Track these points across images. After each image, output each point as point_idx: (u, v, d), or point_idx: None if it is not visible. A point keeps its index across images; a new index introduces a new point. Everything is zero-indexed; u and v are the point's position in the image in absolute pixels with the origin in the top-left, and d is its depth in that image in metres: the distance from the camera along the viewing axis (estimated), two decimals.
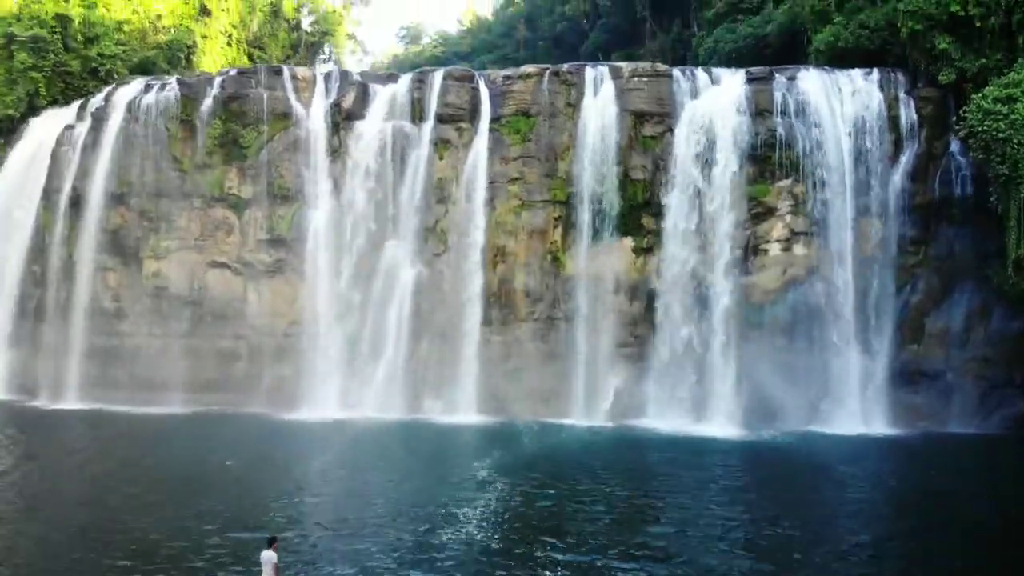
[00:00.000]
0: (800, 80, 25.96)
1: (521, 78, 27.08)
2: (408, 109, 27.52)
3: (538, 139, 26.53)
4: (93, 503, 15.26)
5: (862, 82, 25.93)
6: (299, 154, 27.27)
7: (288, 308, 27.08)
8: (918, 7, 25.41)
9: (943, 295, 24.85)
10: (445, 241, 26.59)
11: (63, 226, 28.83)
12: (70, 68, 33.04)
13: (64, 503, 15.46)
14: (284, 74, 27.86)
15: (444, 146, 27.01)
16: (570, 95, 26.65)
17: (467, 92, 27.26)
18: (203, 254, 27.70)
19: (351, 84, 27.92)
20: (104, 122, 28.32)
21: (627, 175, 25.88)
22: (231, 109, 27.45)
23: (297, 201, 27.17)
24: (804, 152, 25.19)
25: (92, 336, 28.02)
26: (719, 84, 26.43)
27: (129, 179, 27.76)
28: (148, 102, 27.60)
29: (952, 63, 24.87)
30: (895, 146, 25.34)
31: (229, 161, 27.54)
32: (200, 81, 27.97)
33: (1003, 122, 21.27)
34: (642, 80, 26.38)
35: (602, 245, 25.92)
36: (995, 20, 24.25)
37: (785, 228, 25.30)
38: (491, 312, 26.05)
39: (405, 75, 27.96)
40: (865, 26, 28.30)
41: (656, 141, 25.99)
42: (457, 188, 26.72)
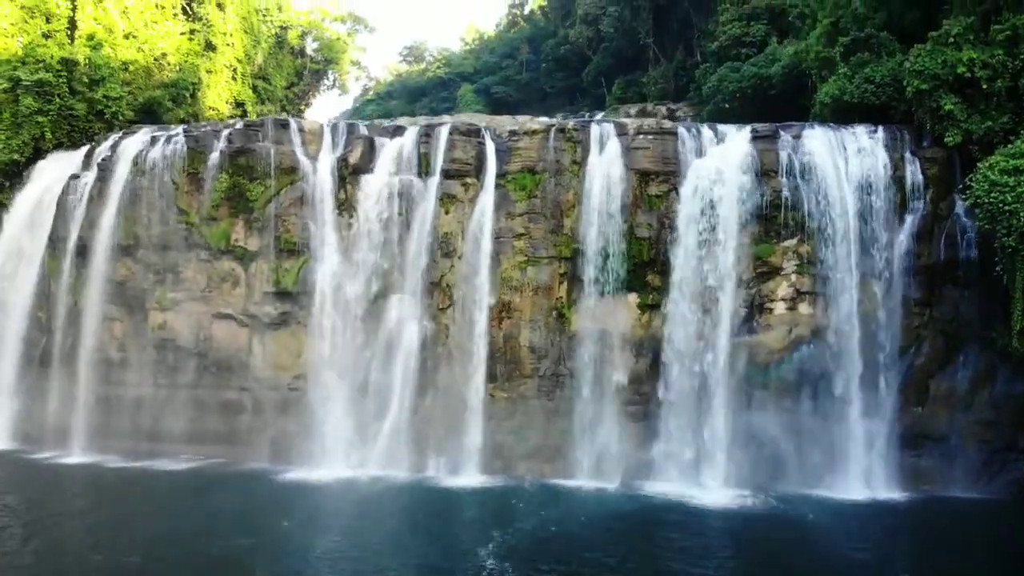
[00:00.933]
0: (806, 139, 26.03)
1: (527, 134, 27.15)
2: (415, 163, 27.60)
3: (544, 196, 26.61)
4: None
5: (867, 141, 25.99)
6: (306, 208, 27.34)
7: (293, 362, 27.14)
8: (924, 67, 25.48)
9: (948, 357, 24.88)
10: (451, 296, 26.66)
11: (69, 274, 28.91)
12: (76, 111, 33.06)
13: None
14: (291, 127, 27.92)
15: (450, 201, 27.09)
16: (575, 153, 26.73)
17: (473, 148, 27.34)
18: (209, 305, 27.78)
19: (358, 138, 27.98)
20: (110, 173, 28.40)
21: (632, 233, 25.94)
22: (238, 163, 27.53)
23: (303, 254, 27.24)
24: (809, 212, 25.25)
25: (97, 385, 28.14)
26: (724, 142, 26.50)
27: (136, 231, 27.84)
28: (155, 155, 27.68)
29: (958, 124, 24.91)
30: (900, 206, 25.38)
31: (236, 214, 27.61)
32: (207, 134, 28.02)
33: (1010, 194, 21.30)
34: (647, 138, 26.45)
35: (607, 301, 25.98)
36: (1002, 83, 24.29)
37: (790, 287, 25.35)
38: (496, 368, 26.12)
39: (412, 128, 27.99)
40: (871, 80, 28.38)
41: (661, 199, 26.06)
42: (463, 243, 26.79)
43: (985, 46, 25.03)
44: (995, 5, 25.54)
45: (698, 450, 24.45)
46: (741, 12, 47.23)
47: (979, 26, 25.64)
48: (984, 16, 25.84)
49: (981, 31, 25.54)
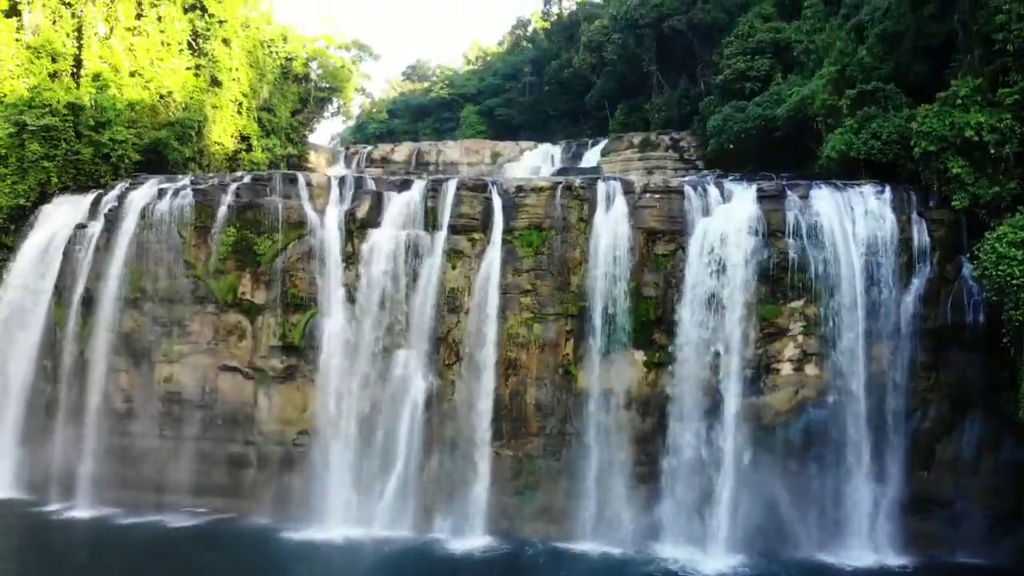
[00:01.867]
0: (813, 199, 26.08)
1: (533, 191, 27.21)
2: (421, 218, 27.67)
3: (551, 253, 26.65)
4: None
5: (875, 202, 26.04)
6: (313, 262, 27.37)
7: (298, 416, 27.17)
8: (931, 128, 25.50)
9: (953, 422, 24.92)
10: (457, 352, 26.68)
11: (75, 323, 28.93)
12: (81, 155, 33.09)
13: None
14: (299, 182, 27.98)
15: (457, 256, 27.14)
16: (582, 210, 26.78)
17: (480, 203, 27.38)
18: (215, 358, 27.81)
19: (365, 192, 28.06)
20: (117, 225, 28.43)
21: (639, 291, 25.98)
22: (246, 217, 27.58)
23: (310, 308, 27.27)
24: (816, 274, 25.29)
25: (103, 436, 28.15)
26: (731, 201, 26.56)
27: (142, 284, 27.86)
28: (162, 209, 27.71)
29: (965, 188, 24.93)
30: (907, 268, 25.42)
31: (243, 267, 27.64)
32: (214, 188, 28.05)
33: (1017, 268, 21.32)
34: (654, 197, 26.52)
35: (614, 359, 26.03)
36: (1010, 148, 24.26)
37: (797, 348, 25.39)
38: (502, 426, 26.15)
39: (419, 182, 28.10)
40: (877, 136, 28.40)
41: (668, 259, 26.11)
42: (469, 298, 26.82)
43: (993, 108, 25.03)
44: (1003, 65, 25.55)
45: (704, 513, 24.49)
46: (745, 46, 47.37)
47: (987, 87, 25.66)
48: (992, 76, 25.86)
49: (989, 92, 25.55)
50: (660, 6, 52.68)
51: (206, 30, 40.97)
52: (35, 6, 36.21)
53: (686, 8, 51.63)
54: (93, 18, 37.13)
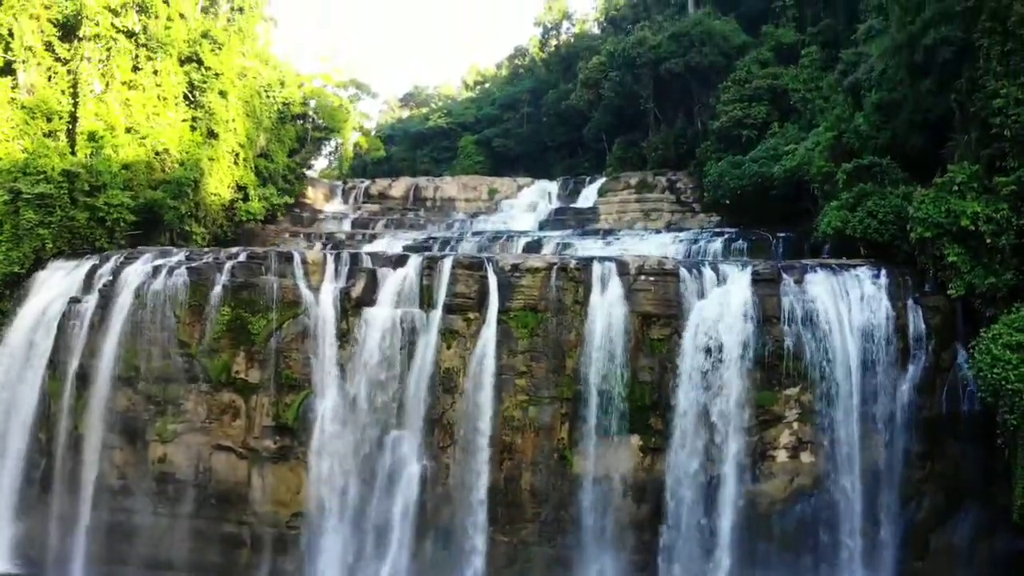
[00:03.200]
0: (808, 284, 26.06)
1: (529, 272, 27.13)
2: (417, 295, 27.62)
3: (546, 335, 26.59)
4: None
5: (870, 287, 26.00)
6: (307, 341, 27.31)
7: (292, 498, 27.10)
8: (928, 214, 25.46)
9: (948, 512, 24.88)
10: (452, 434, 26.63)
11: (70, 397, 28.86)
12: (77, 221, 33.05)
13: None
14: (294, 259, 27.93)
15: (452, 336, 27.08)
16: (577, 292, 26.73)
17: (476, 281, 27.33)
18: (209, 436, 27.76)
19: (360, 270, 28.00)
20: (112, 301, 28.38)
21: (635, 376, 25.95)
22: (240, 297, 27.53)
23: (304, 389, 27.22)
24: (812, 362, 25.27)
25: (98, 511, 28.10)
26: (726, 283, 26.50)
27: (136, 363, 27.80)
28: (156, 288, 27.64)
29: (962, 276, 24.88)
30: (902, 356, 25.37)
31: (237, 345, 27.57)
32: (209, 266, 27.97)
33: (1012, 372, 21.26)
34: (649, 279, 26.47)
35: (610, 443, 26.00)
36: (1007, 240, 24.19)
37: (792, 436, 25.38)
38: (497, 511, 26.06)
39: (414, 258, 28.03)
40: (874, 215, 28.36)
41: (663, 343, 26.06)
42: (464, 379, 26.76)
43: (991, 196, 24.99)
44: (1000, 150, 25.52)
45: None
46: (742, 92, 47.42)
47: (984, 173, 25.63)
48: (989, 160, 25.82)
49: (986, 178, 25.52)
50: (657, 48, 52.67)
51: (202, 82, 40.91)
52: (30, 65, 36.17)
53: (683, 51, 51.57)
54: (89, 75, 37.08)
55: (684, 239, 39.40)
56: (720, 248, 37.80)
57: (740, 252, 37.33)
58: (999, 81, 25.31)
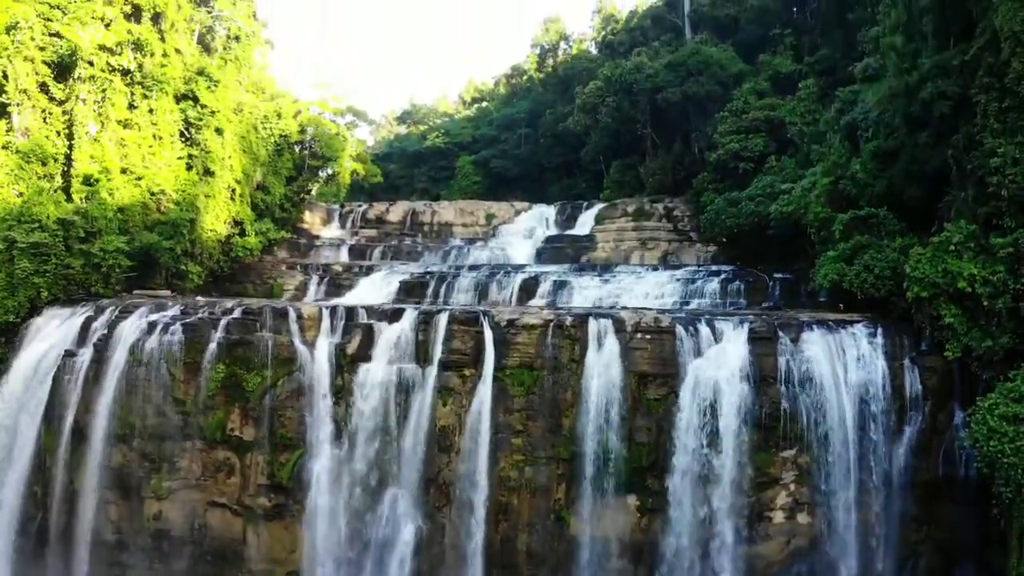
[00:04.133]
0: (804, 343, 25.99)
1: (525, 329, 27.07)
2: (412, 351, 27.56)
3: (542, 393, 26.53)
4: None
5: (867, 346, 25.93)
6: (302, 399, 27.27)
7: (287, 556, 27.07)
8: (924, 274, 25.41)
9: (944, 574, 24.80)
10: (448, 494, 26.55)
11: (65, 451, 28.81)
12: (72, 268, 32.93)
13: None
14: (289, 315, 27.85)
15: (448, 393, 27.01)
16: (574, 350, 26.65)
17: (471, 337, 27.26)
18: (204, 493, 27.74)
19: (356, 326, 27.93)
20: (106, 356, 28.32)
21: (632, 436, 25.89)
22: (235, 354, 27.49)
23: (299, 447, 27.19)
24: (809, 424, 25.22)
25: (93, 566, 28.11)
26: (722, 341, 26.40)
27: (132, 421, 27.76)
28: (151, 345, 27.56)
29: (958, 337, 24.83)
30: (899, 417, 25.33)
31: (232, 402, 27.55)
32: (204, 323, 27.90)
33: (1008, 445, 21.21)
34: (645, 338, 26.39)
35: (607, 504, 25.95)
36: (1003, 303, 24.11)
37: (789, 497, 25.34)
38: (492, 572, 25.98)
39: (410, 311, 27.95)
40: (870, 269, 28.33)
41: (660, 403, 26.00)
42: (460, 438, 26.70)
43: (987, 256, 24.89)
44: (997, 209, 25.44)
45: None
46: (739, 124, 47.39)
47: (980, 232, 25.55)
48: (986, 219, 25.74)
49: (983, 237, 25.44)
50: (654, 76, 52.65)
51: (198, 120, 40.79)
52: (24, 108, 36.02)
53: (680, 81, 51.56)
54: (84, 117, 36.95)
55: (681, 278, 39.36)
56: (717, 288, 37.77)
57: (737, 293, 37.32)
58: (997, 139, 25.25)
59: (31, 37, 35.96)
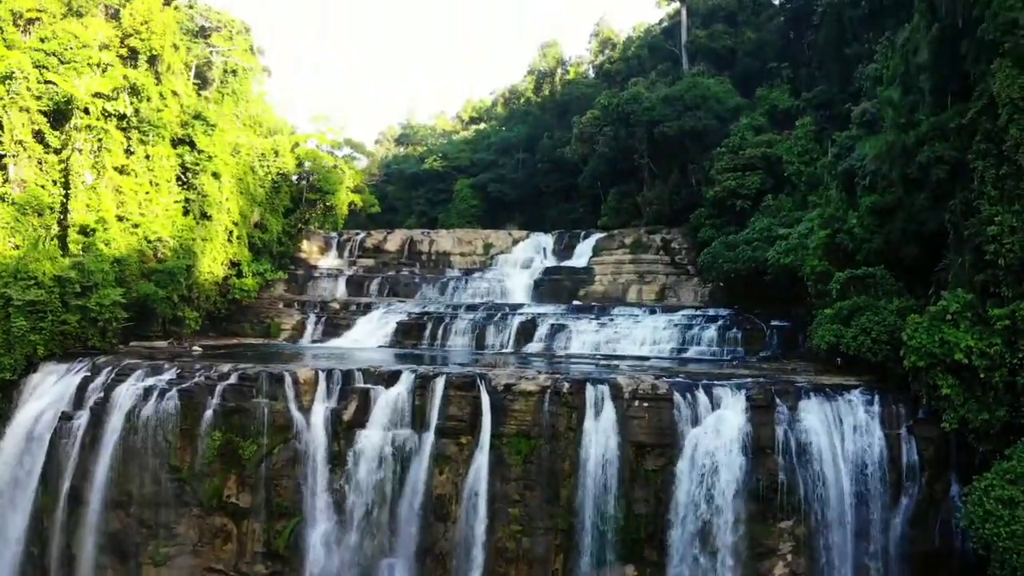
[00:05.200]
0: (802, 412, 25.96)
1: (522, 395, 27.01)
2: (409, 416, 27.52)
3: (539, 462, 26.48)
4: None
5: (863, 415, 25.92)
6: (298, 467, 27.21)
7: None
8: (921, 343, 25.35)
9: None
10: (444, 564, 26.51)
11: (62, 514, 28.76)
12: (68, 324, 32.90)
13: None
14: (285, 380, 27.78)
15: (444, 461, 26.95)
16: (571, 419, 26.60)
17: (468, 403, 27.22)
18: (200, 559, 27.69)
19: (353, 391, 27.86)
20: (103, 422, 28.26)
21: (630, 507, 25.83)
22: (231, 422, 27.44)
23: (295, 516, 27.13)
24: (806, 495, 25.17)
25: None
26: (720, 408, 26.37)
27: (128, 488, 27.70)
28: (148, 412, 27.50)
29: (955, 408, 24.79)
30: (895, 488, 25.30)
31: (228, 469, 27.49)
32: (200, 388, 27.83)
33: (1004, 529, 21.17)
34: (643, 406, 26.34)
35: (604, 575, 25.82)
36: (1000, 376, 24.07)
37: (787, 568, 25.29)
38: None
39: (407, 374, 27.87)
40: (867, 332, 28.33)
41: (658, 474, 25.95)
42: (456, 506, 26.64)
43: (985, 327, 24.82)
44: (994, 277, 25.39)
45: None
46: (736, 162, 47.40)
47: (978, 301, 25.52)
48: (983, 286, 25.67)
49: (980, 307, 25.40)
50: (652, 110, 52.62)
51: (195, 164, 40.81)
52: (20, 159, 35.97)
53: (677, 115, 51.54)
54: (80, 167, 36.92)
55: (678, 323, 39.43)
56: (715, 336, 37.85)
57: (735, 342, 37.40)
58: (994, 206, 25.20)
59: (27, 87, 35.86)
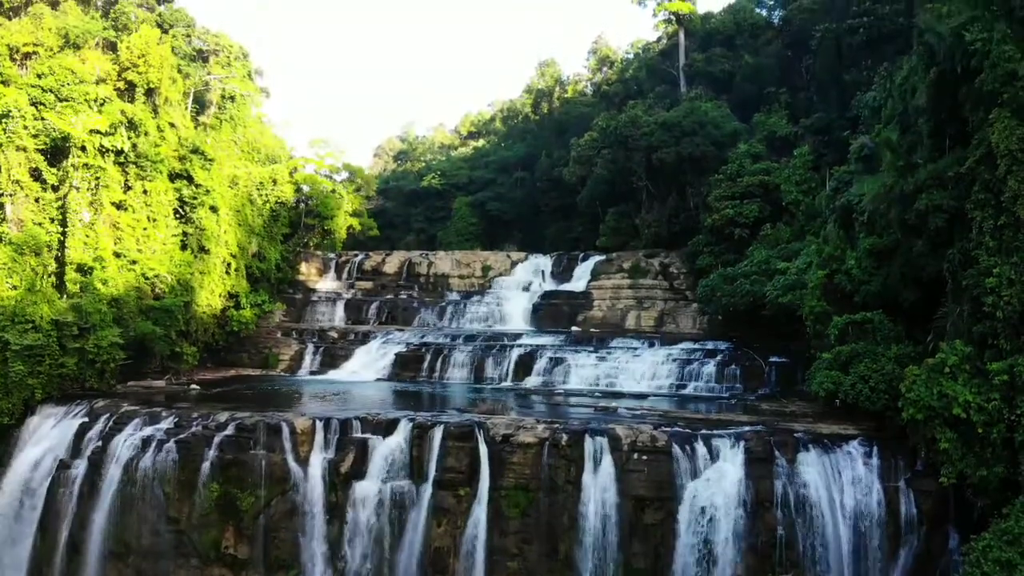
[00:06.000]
0: (800, 466, 25.95)
1: (520, 447, 26.98)
2: (407, 467, 27.52)
3: (538, 516, 26.46)
4: None
5: (862, 467, 25.92)
6: (296, 519, 27.20)
7: None
8: (919, 397, 25.28)
9: None
10: None
11: (61, 563, 28.82)
12: (66, 368, 32.86)
13: None
14: (283, 432, 27.75)
15: (442, 513, 26.92)
16: (569, 471, 26.57)
17: (466, 454, 27.21)
18: None
19: (350, 441, 27.84)
20: (101, 472, 28.23)
21: (628, 562, 25.81)
22: (229, 474, 27.41)
23: (293, 568, 27.12)
24: (804, 548, 25.17)
25: None
26: (719, 460, 26.36)
27: (126, 539, 27.70)
28: (146, 464, 27.49)
29: (953, 463, 24.76)
30: (894, 541, 25.27)
31: (226, 520, 27.47)
32: (198, 440, 27.81)
33: None
34: (642, 459, 26.32)
35: None
36: (998, 433, 24.06)
37: None
38: None
39: (404, 423, 27.87)
40: (866, 380, 28.30)
41: (657, 528, 25.92)
42: (455, 560, 26.62)
43: (983, 380, 24.74)
44: (992, 329, 25.35)
45: None
46: (734, 190, 47.35)
47: (976, 353, 25.48)
48: (981, 338, 25.62)
49: (978, 358, 25.36)
50: (650, 136, 52.57)
51: (193, 198, 40.72)
52: (17, 198, 35.90)
53: (675, 141, 51.50)
54: (77, 205, 36.83)
55: (677, 358, 39.40)
56: (713, 372, 37.85)
57: (733, 378, 37.40)
58: (992, 257, 25.17)
59: (23, 125, 35.79)
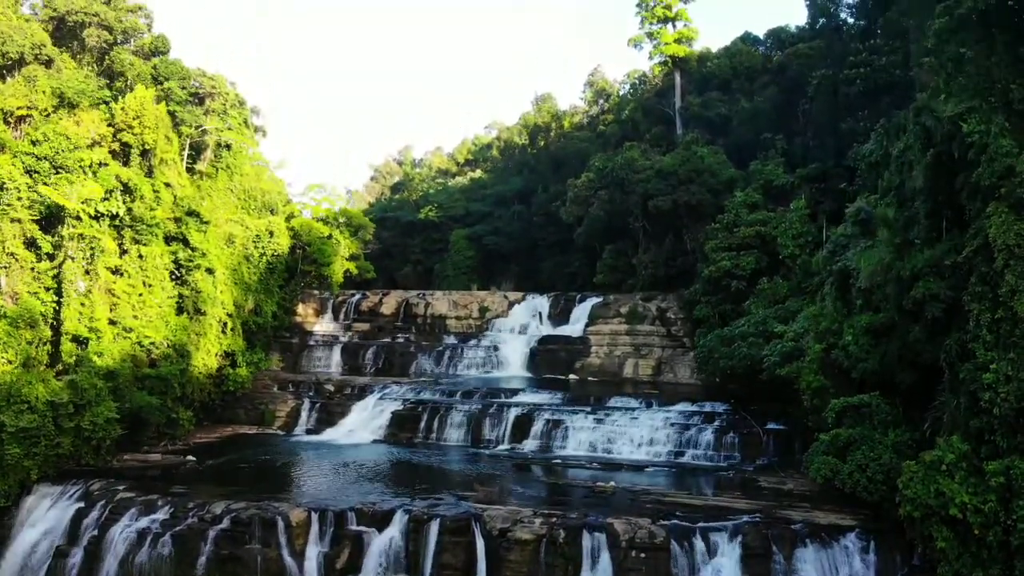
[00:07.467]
0: (797, 563, 25.92)
1: (517, 544, 26.87)
2: (403, 563, 27.38)
3: None
4: None
5: (859, 563, 25.93)
6: None
7: None
8: (916, 494, 25.27)
9: None
10: None
11: None
12: (62, 447, 32.76)
13: None
14: (278, 526, 27.67)
15: None
16: (567, 570, 26.48)
17: (463, 549, 27.11)
18: None
19: (346, 535, 27.75)
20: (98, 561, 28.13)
21: None
22: (226, 569, 27.28)
23: None
24: None
25: None
26: (717, 555, 26.35)
27: None
28: (142, 559, 27.37)
29: (950, 562, 24.76)
30: None
31: None
32: (194, 533, 27.69)
33: None
34: (640, 556, 26.26)
35: None
36: (994, 536, 24.06)
37: None
38: None
39: (400, 515, 27.79)
40: (864, 469, 28.29)
41: None
42: None
43: (980, 480, 24.72)
44: (989, 425, 25.31)
45: None
46: (731, 241, 47.38)
47: (972, 450, 25.46)
48: (978, 433, 25.59)
49: (975, 456, 25.34)
50: (646, 183, 52.57)
51: (188, 261, 40.60)
52: (12, 270, 35.77)
53: (671, 189, 51.51)
54: (73, 275, 36.68)
55: (675, 422, 39.34)
56: (711, 440, 37.81)
57: (731, 447, 37.36)
58: (989, 351, 25.11)
59: (17, 197, 35.67)
